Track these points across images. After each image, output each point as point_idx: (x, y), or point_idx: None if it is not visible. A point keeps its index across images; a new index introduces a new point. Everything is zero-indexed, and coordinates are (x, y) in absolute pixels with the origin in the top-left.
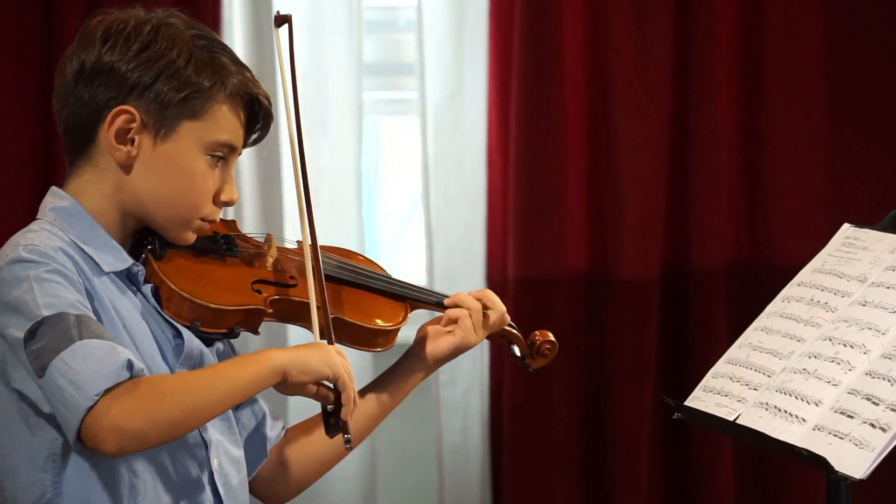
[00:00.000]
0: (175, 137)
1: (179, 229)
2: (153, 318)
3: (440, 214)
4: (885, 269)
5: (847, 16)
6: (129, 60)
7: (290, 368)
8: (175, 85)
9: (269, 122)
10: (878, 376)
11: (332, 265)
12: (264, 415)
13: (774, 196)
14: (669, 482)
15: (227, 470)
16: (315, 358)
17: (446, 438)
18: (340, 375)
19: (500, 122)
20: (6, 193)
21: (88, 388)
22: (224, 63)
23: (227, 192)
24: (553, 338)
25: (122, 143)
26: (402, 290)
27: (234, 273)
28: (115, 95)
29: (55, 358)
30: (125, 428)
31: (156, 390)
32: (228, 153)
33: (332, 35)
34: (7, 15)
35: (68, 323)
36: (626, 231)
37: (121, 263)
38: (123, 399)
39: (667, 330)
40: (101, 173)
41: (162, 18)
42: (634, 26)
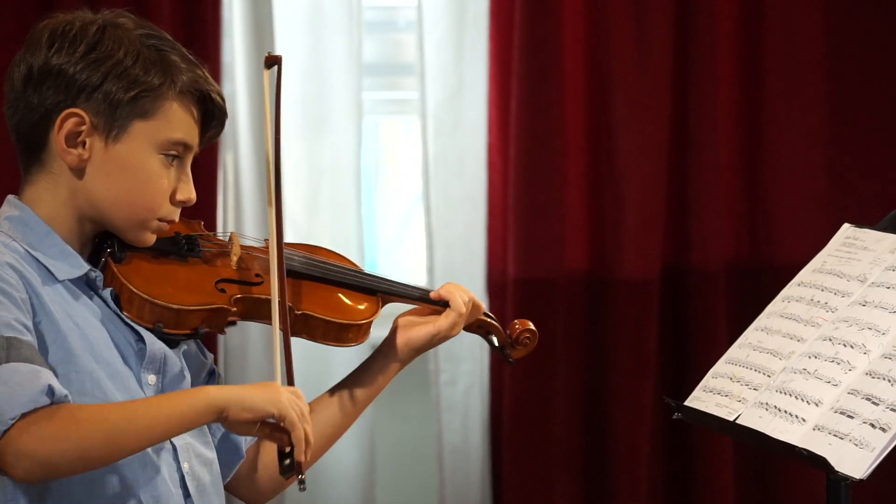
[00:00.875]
0: (126, 138)
1: (137, 231)
2: (113, 323)
3: (440, 214)
4: (885, 269)
5: (847, 15)
6: (76, 62)
7: (230, 405)
8: (124, 85)
9: (224, 118)
10: (878, 376)
11: (299, 261)
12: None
13: (774, 196)
14: (669, 482)
15: (199, 472)
16: (258, 396)
17: (446, 438)
18: (287, 414)
19: (500, 122)
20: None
21: (3, 412)
22: (173, 61)
23: (183, 190)
24: (532, 326)
25: (72, 147)
26: (372, 284)
27: (196, 273)
28: (63, 98)
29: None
30: (35, 456)
31: (72, 418)
32: (183, 151)
33: (331, 35)
34: (7, 15)
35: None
36: (626, 231)
37: (76, 270)
38: (39, 426)
39: (667, 330)
40: (55, 179)
41: (109, 18)
42: (634, 26)
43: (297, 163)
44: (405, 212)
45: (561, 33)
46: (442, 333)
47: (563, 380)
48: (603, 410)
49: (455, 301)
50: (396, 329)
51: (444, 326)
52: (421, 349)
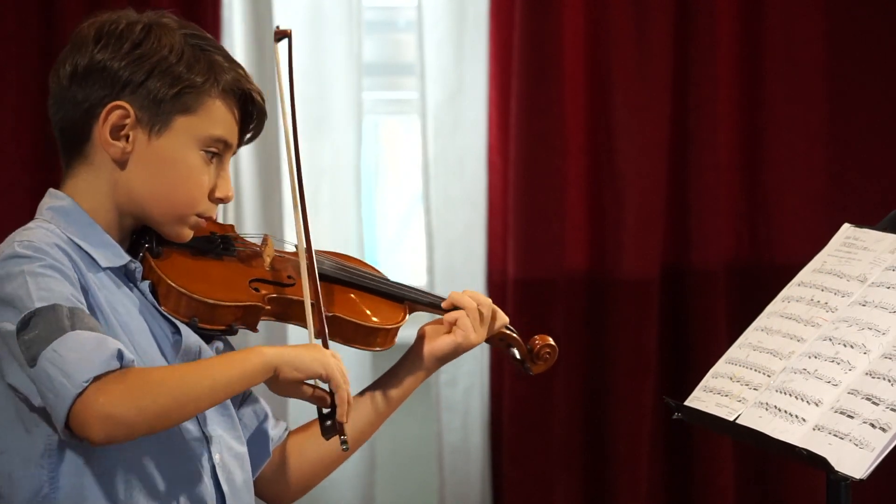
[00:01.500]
0: (169, 133)
1: (175, 225)
2: (151, 314)
3: (440, 214)
4: (885, 269)
5: (847, 16)
6: (121, 58)
7: (282, 365)
8: (168, 81)
9: (263, 118)
10: (878, 376)
11: (330, 266)
12: (266, 415)
13: (775, 196)
14: (669, 482)
15: (231, 466)
16: (307, 356)
17: (447, 438)
18: (334, 376)
19: (500, 122)
20: (6, 193)
21: (77, 376)
22: (217, 60)
23: (221, 188)
24: (553, 342)
25: (116, 139)
26: (400, 292)
27: (231, 271)
28: (108, 93)
29: (46, 348)
30: (112, 415)
31: (145, 380)
32: (223, 149)
33: (332, 35)
34: (7, 15)
35: (61, 314)
36: (626, 231)
37: (118, 259)
38: (112, 387)
39: (667, 330)
40: (97, 172)
41: (154, 18)
42: (634, 26)
43: None
44: (405, 212)
45: (561, 33)
46: (463, 344)
47: (563, 380)
48: (603, 410)
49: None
50: (422, 338)
51: (466, 336)
52: (444, 358)
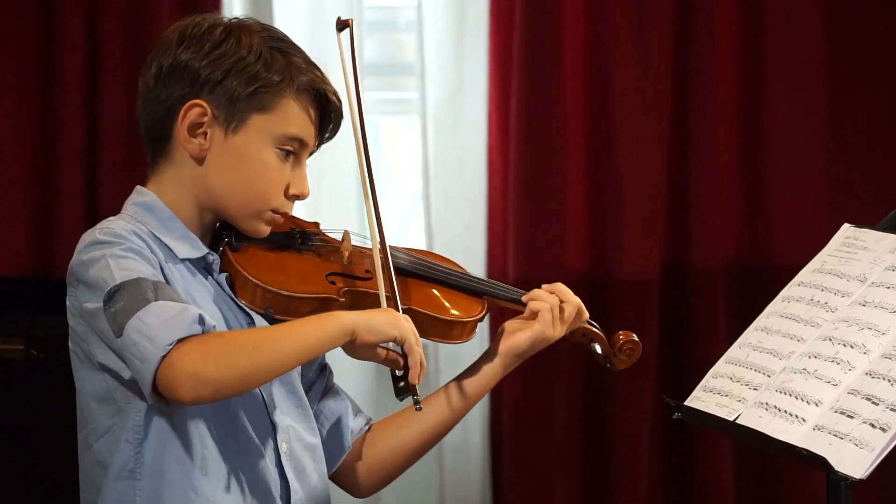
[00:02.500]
0: (245, 130)
1: (251, 220)
2: (226, 304)
3: (440, 214)
4: (885, 269)
5: (847, 16)
6: (201, 58)
7: (358, 328)
8: (244, 80)
9: (340, 119)
10: (878, 376)
11: (406, 260)
12: (347, 408)
13: (775, 196)
14: (669, 482)
15: (300, 455)
16: (382, 320)
17: (447, 438)
18: (407, 338)
19: (500, 123)
20: (6, 193)
21: (161, 339)
22: (294, 61)
23: (297, 185)
24: (636, 337)
25: (194, 136)
26: (478, 286)
27: (308, 265)
28: (188, 91)
29: (132, 317)
30: (199, 374)
31: (228, 342)
32: (299, 148)
33: (332, 34)
34: (7, 15)
35: (145, 286)
36: (626, 231)
37: (196, 252)
38: (196, 348)
39: (667, 330)
40: (178, 168)
41: (236, 22)
42: (634, 26)
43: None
44: (405, 212)
45: (561, 33)
46: (541, 337)
47: (563, 380)
48: (603, 410)
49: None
50: (501, 333)
51: (542, 331)
52: (523, 354)
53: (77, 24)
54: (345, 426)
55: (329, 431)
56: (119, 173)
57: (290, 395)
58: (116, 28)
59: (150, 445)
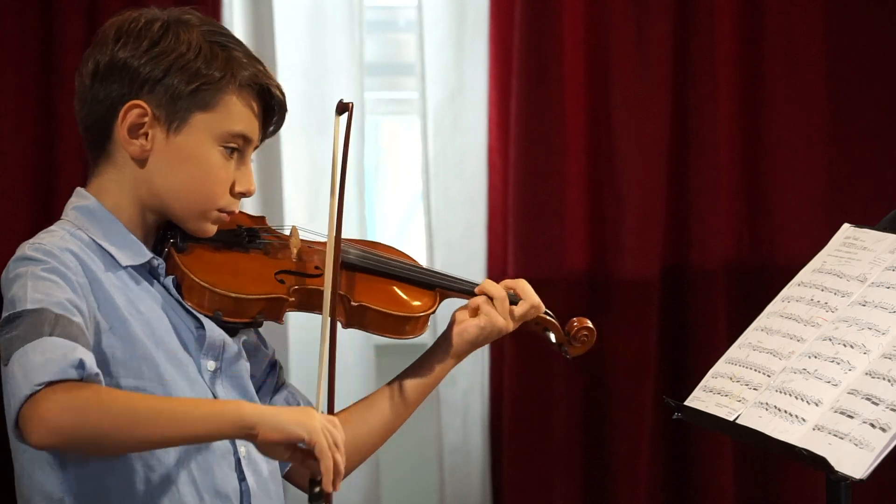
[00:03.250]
0: (187, 129)
1: (198, 221)
2: (174, 310)
3: (440, 214)
4: (885, 269)
5: (847, 15)
6: (140, 56)
7: (260, 424)
8: (185, 77)
9: (284, 113)
10: (878, 376)
11: (355, 254)
12: (299, 405)
13: (775, 196)
14: (669, 482)
15: (256, 457)
16: (291, 418)
17: (447, 438)
18: (318, 441)
19: (500, 122)
20: (6, 193)
21: (33, 377)
22: (235, 56)
23: (243, 182)
24: (591, 324)
25: (135, 138)
26: (430, 279)
27: (257, 264)
28: (127, 91)
29: (20, 348)
30: (53, 423)
31: (98, 399)
32: (243, 144)
33: (332, 34)
34: (7, 15)
35: (44, 318)
36: (626, 231)
37: (140, 257)
38: (60, 396)
39: (667, 330)
40: (120, 170)
41: (174, 15)
42: (634, 26)
43: (297, 163)
44: (405, 212)
45: (561, 33)
46: (494, 327)
47: (563, 380)
48: (603, 410)
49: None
50: (452, 323)
51: (495, 321)
52: (475, 342)
53: (77, 25)
54: None
55: None
56: None
57: (242, 396)
58: None
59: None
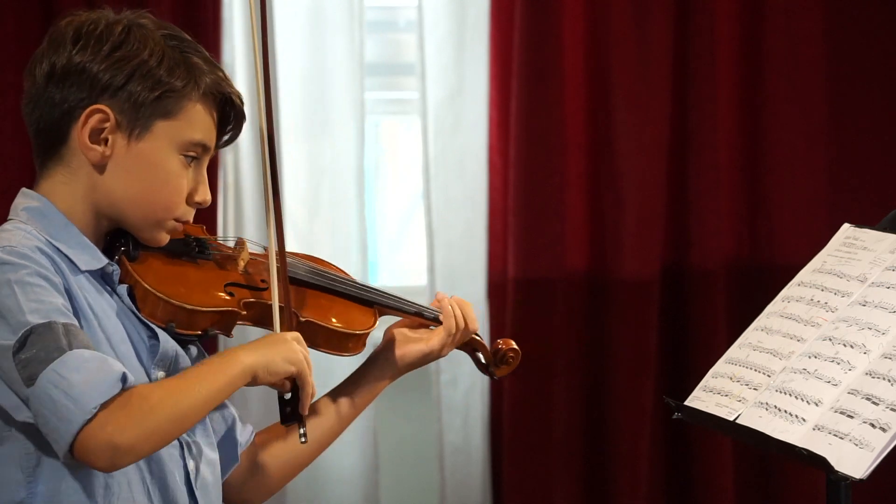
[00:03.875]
0: (149, 137)
1: (153, 230)
2: (128, 319)
3: (441, 214)
4: (885, 269)
5: (847, 15)
6: (100, 61)
7: (258, 370)
8: (148, 85)
9: (241, 121)
10: (878, 376)
11: (302, 270)
12: (234, 419)
13: (775, 196)
14: (669, 482)
15: (204, 472)
16: (279, 358)
17: (447, 439)
18: (302, 370)
19: (500, 122)
20: (6, 193)
21: (85, 402)
22: (196, 63)
23: (200, 192)
24: (516, 346)
25: (95, 143)
26: (371, 296)
27: (207, 275)
28: (87, 95)
29: (46, 368)
30: (119, 444)
31: (146, 404)
32: (201, 153)
33: (333, 35)
34: (7, 15)
35: (57, 332)
36: (626, 231)
37: (96, 263)
38: (118, 414)
39: (667, 330)
40: (74, 174)
41: (133, 19)
42: (634, 26)
43: (297, 163)
44: (406, 212)
45: (561, 33)
46: (434, 353)
47: (563, 380)
48: (603, 410)
49: (447, 322)
50: (392, 342)
51: (435, 346)
52: (413, 365)
53: None
54: (234, 439)
55: (219, 444)
56: None
57: None
58: None
59: (45, 475)
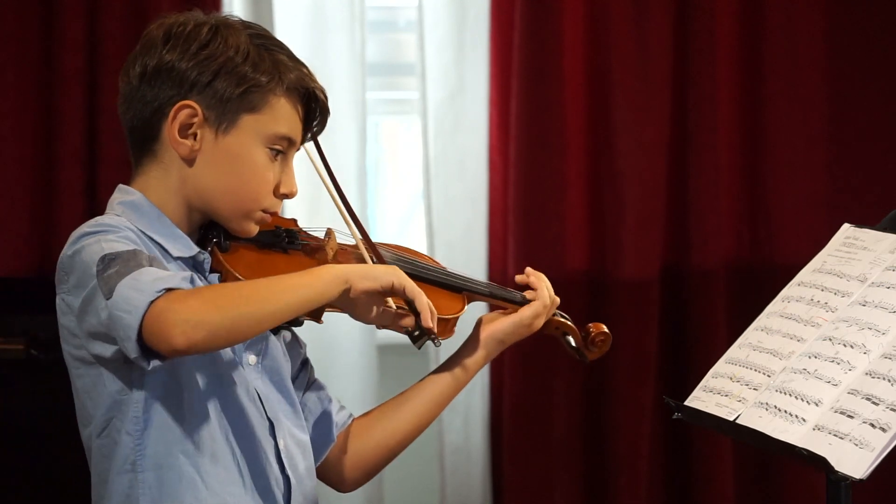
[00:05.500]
0: (235, 131)
1: (242, 220)
2: None
3: (441, 214)
4: (885, 269)
5: (848, 15)
6: (189, 59)
7: (354, 276)
8: (234, 80)
9: (327, 116)
10: (878, 376)
11: (389, 257)
12: (330, 400)
13: (775, 196)
14: (669, 482)
15: (294, 452)
16: (379, 268)
17: (448, 438)
18: (407, 283)
19: (500, 122)
20: (6, 193)
21: (150, 288)
22: (281, 59)
23: (286, 184)
24: (606, 329)
25: (185, 138)
26: (458, 282)
27: (296, 264)
28: (177, 92)
29: (125, 278)
30: (192, 318)
31: (221, 290)
32: (287, 146)
33: (333, 34)
34: (7, 15)
35: (141, 256)
36: (626, 231)
37: (188, 251)
38: (188, 295)
39: (667, 330)
40: (166, 169)
41: (220, 20)
42: (634, 26)
43: (297, 163)
44: (406, 212)
45: (561, 33)
46: (525, 322)
47: (563, 380)
48: (603, 410)
49: (541, 291)
50: (480, 324)
51: (527, 316)
52: (505, 339)
53: (77, 25)
54: (329, 420)
55: (314, 426)
56: (119, 173)
57: (280, 391)
58: (116, 28)
59: (152, 436)
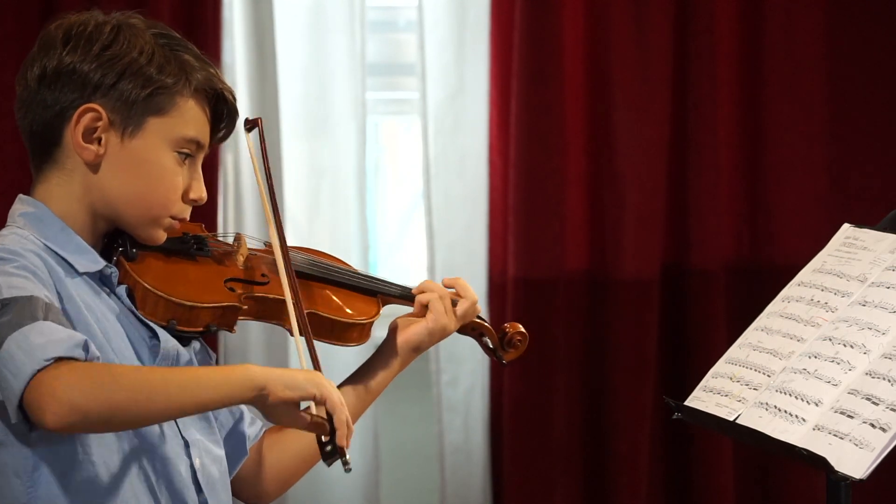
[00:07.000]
0: (142, 134)
1: (150, 228)
2: (128, 320)
3: (441, 214)
4: (885, 269)
5: (848, 14)
6: (91, 60)
7: (270, 382)
8: (139, 83)
9: (235, 117)
10: (878, 376)
11: (303, 262)
12: (241, 413)
13: (775, 196)
14: (669, 482)
15: (210, 469)
16: (300, 376)
17: (448, 438)
18: (330, 396)
19: (500, 122)
20: (6, 193)
21: (39, 354)
22: (187, 59)
23: (195, 189)
24: (523, 329)
25: (89, 143)
26: (372, 285)
27: (206, 272)
28: (79, 96)
29: (15, 331)
30: (69, 399)
31: (109, 373)
32: (195, 150)
33: (333, 34)
34: (7, 15)
35: (36, 305)
36: (626, 231)
37: (94, 265)
38: (72, 373)
39: (667, 330)
40: (69, 175)
41: (122, 19)
42: (634, 26)
43: (297, 163)
44: (406, 212)
45: (561, 33)
46: (435, 329)
47: (563, 380)
48: (603, 410)
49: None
50: (394, 330)
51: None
52: (419, 347)
53: None
54: (241, 433)
55: (226, 439)
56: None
57: None
58: None
59: (44, 478)
